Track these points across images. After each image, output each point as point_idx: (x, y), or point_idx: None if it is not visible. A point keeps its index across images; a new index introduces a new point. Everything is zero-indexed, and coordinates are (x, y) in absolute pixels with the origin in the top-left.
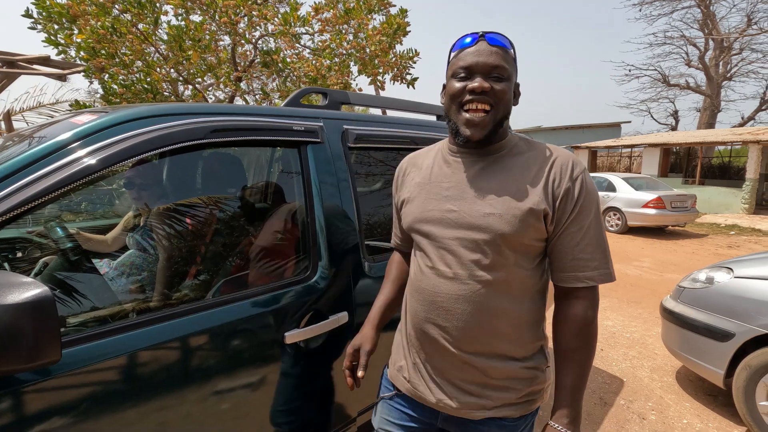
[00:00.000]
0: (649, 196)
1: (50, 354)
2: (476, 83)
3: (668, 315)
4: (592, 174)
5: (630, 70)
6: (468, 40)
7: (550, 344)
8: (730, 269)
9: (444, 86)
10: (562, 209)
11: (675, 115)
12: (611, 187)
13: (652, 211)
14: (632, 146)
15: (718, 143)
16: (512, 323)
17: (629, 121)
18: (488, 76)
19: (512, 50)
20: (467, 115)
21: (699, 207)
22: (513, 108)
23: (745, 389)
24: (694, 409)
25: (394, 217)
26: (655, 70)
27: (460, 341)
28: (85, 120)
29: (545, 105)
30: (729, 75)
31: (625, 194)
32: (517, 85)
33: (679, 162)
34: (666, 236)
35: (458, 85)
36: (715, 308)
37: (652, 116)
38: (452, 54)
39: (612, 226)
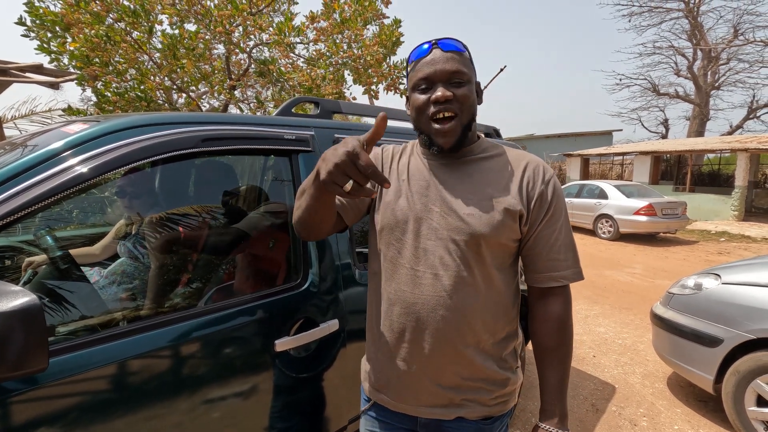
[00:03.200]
0: (640, 203)
1: (37, 362)
2: (439, 93)
3: (658, 321)
4: (584, 181)
5: (621, 80)
6: (425, 47)
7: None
8: (718, 275)
9: (407, 98)
10: (537, 211)
11: (665, 123)
12: (603, 195)
13: (644, 218)
14: (624, 154)
15: (708, 151)
16: (488, 323)
17: (620, 130)
18: (449, 83)
19: (467, 52)
20: (437, 126)
21: (689, 214)
22: (506, 117)
23: (734, 394)
24: (684, 415)
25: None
26: (645, 79)
27: (438, 342)
28: (77, 129)
29: (538, 113)
30: (717, 84)
31: (616, 201)
32: (478, 84)
33: (670, 169)
34: (657, 243)
35: (422, 97)
36: (704, 314)
37: (642, 125)
38: (410, 66)
39: (604, 233)
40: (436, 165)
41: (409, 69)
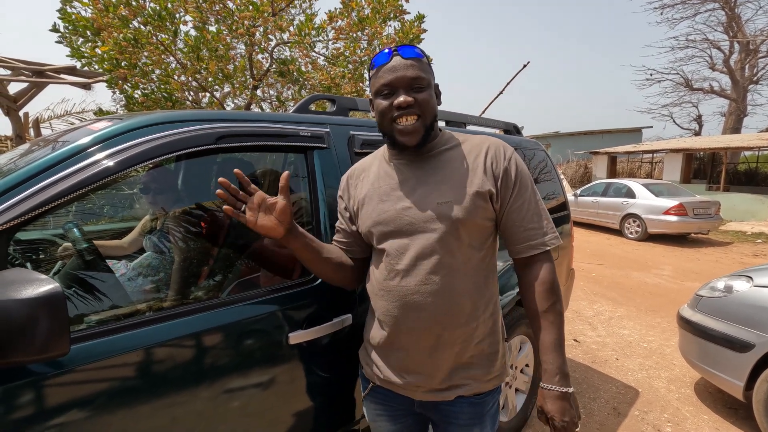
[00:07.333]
0: (669, 202)
1: (59, 347)
2: (401, 98)
3: (685, 324)
4: (611, 180)
5: (651, 74)
6: (386, 52)
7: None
8: (750, 278)
9: (371, 102)
10: (505, 187)
11: (698, 119)
12: (630, 194)
13: (673, 218)
14: (653, 152)
15: (744, 148)
16: (475, 302)
17: (650, 126)
18: (410, 89)
19: (425, 57)
20: (400, 126)
21: (724, 214)
22: (531, 114)
23: (766, 402)
24: (712, 422)
25: (339, 221)
26: (677, 74)
27: (432, 327)
28: (101, 126)
29: (564, 110)
30: (755, 78)
31: (644, 201)
32: (437, 86)
33: (703, 168)
34: (688, 244)
35: (385, 102)
36: (734, 318)
37: (674, 121)
38: (371, 72)
39: (631, 233)
40: (403, 164)
41: (371, 75)
